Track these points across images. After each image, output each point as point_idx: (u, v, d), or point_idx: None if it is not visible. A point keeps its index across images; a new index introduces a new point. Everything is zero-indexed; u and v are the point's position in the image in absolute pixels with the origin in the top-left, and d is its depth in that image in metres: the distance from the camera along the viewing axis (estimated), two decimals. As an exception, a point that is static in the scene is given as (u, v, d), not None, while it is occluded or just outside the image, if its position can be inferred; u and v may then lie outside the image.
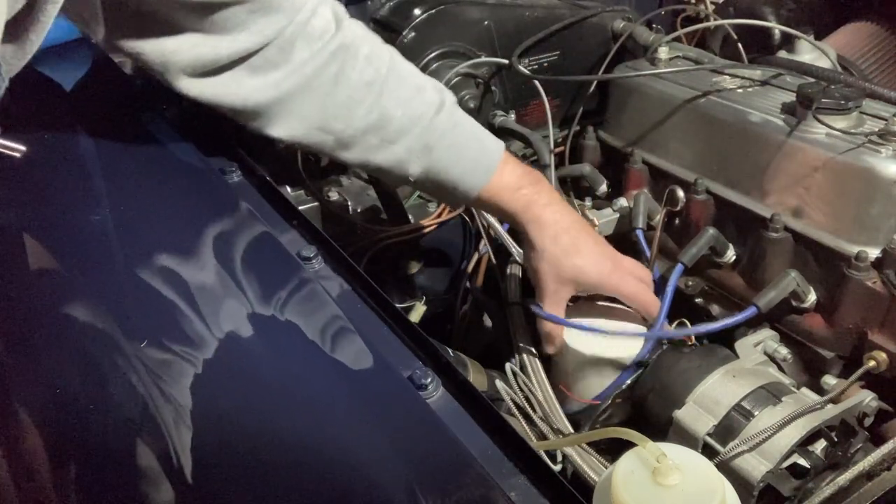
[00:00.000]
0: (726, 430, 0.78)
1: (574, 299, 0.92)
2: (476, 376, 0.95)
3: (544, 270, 0.88)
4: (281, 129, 0.85)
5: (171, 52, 0.79)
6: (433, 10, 1.15)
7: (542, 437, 0.85)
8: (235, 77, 0.82)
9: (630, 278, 0.89)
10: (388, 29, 1.16)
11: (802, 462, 0.76)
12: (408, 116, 0.85)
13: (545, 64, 1.25)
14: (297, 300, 0.72)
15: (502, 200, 0.88)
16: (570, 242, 0.87)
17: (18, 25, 0.65)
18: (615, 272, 0.88)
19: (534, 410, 0.87)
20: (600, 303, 0.93)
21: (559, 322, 0.88)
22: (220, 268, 0.77)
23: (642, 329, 0.90)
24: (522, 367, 0.92)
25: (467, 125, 0.89)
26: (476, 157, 0.87)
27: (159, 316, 0.70)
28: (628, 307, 0.92)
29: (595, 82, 1.26)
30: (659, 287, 0.93)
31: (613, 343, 0.89)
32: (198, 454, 0.58)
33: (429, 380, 0.61)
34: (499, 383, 0.89)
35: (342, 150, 0.87)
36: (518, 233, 0.92)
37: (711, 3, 1.36)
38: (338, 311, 0.69)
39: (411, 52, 1.10)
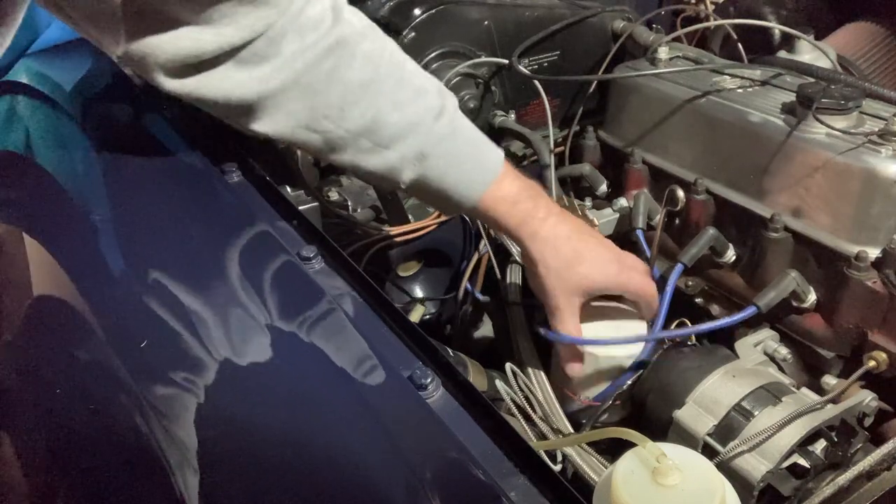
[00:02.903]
0: (726, 430, 0.78)
1: None
2: (476, 376, 0.95)
3: (550, 286, 0.85)
4: (266, 125, 0.80)
5: (154, 46, 0.73)
6: (433, 10, 1.15)
7: (542, 437, 0.84)
8: (220, 71, 0.76)
9: (635, 274, 0.88)
10: (387, 29, 1.15)
11: (802, 462, 0.76)
12: (405, 121, 0.81)
13: (545, 64, 1.25)
14: (297, 300, 0.72)
15: (498, 213, 0.85)
16: (571, 252, 0.85)
17: None
18: (621, 272, 0.87)
19: (534, 410, 0.87)
20: (599, 304, 0.93)
21: (573, 342, 0.86)
22: (219, 268, 0.77)
23: (643, 327, 0.90)
24: (522, 367, 0.91)
25: (467, 133, 0.85)
26: (472, 168, 0.84)
27: (159, 316, 0.70)
28: (628, 305, 0.92)
29: (595, 82, 1.27)
30: (659, 287, 0.93)
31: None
32: (195, 453, 0.58)
33: (429, 380, 0.61)
34: (499, 383, 0.89)
35: (330, 152, 0.82)
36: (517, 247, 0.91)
37: (711, 3, 1.36)
38: (338, 311, 0.69)
39: (411, 53, 1.08)
